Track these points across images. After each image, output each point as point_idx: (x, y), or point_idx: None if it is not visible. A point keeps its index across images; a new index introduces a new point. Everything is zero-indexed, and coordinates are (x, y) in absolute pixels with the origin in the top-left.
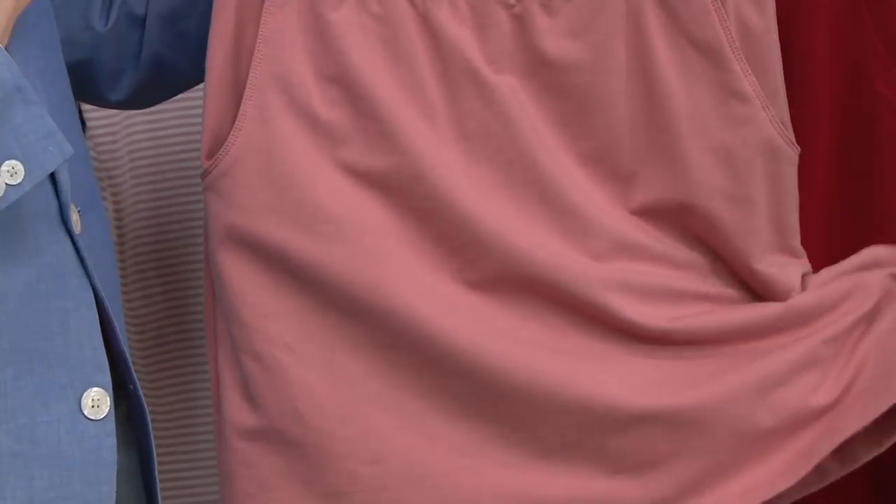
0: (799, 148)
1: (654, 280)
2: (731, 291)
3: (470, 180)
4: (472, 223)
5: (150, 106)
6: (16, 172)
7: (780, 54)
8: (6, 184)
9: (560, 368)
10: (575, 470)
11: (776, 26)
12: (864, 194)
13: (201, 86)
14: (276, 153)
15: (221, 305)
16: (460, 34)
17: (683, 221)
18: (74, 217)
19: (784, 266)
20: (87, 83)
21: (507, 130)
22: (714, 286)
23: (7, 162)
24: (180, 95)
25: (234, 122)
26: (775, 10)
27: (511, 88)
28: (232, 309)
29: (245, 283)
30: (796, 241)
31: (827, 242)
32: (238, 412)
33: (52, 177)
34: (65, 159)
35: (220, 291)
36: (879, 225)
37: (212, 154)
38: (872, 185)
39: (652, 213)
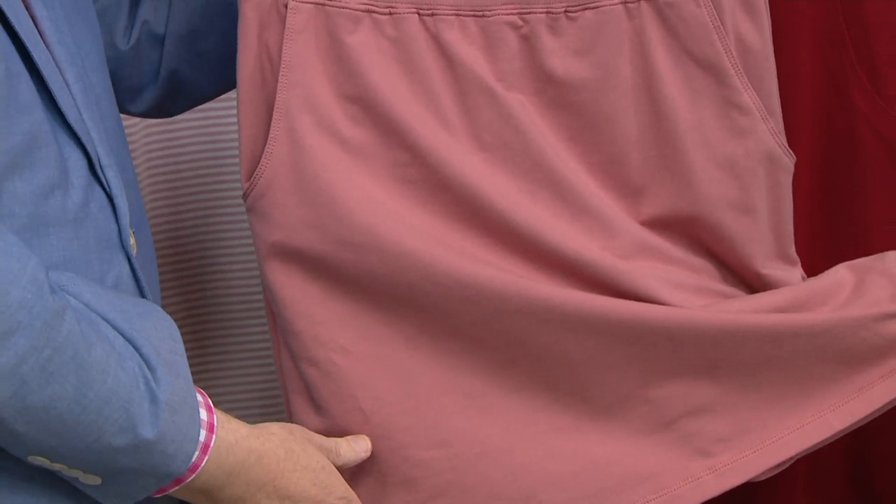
0: (794, 157)
1: (677, 277)
2: (742, 293)
3: (495, 185)
4: (507, 219)
5: (169, 116)
6: (91, 481)
7: (775, 69)
8: (79, 479)
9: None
10: (629, 425)
11: (772, 43)
12: (844, 204)
13: (219, 98)
14: (308, 171)
15: (277, 318)
16: (471, 53)
17: (691, 232)
18: (132, 241)
19: (785, 271)
20: None
21: (522, 141)
22: (728, 288)
23: (96, 477)
24: (198, 107)
25: (264, 142)
26: (771, 28)
27: (521, 104)
28: (286, 320)
29: (294, 295)
30: (792, 248)
31: (808, 249)
32: (306, 416)
33: (112, 203)
34: None
35: (273, 305)
36: (859, 232)
37: (250, 176)
38: (851, 194)
39: (661, 225)
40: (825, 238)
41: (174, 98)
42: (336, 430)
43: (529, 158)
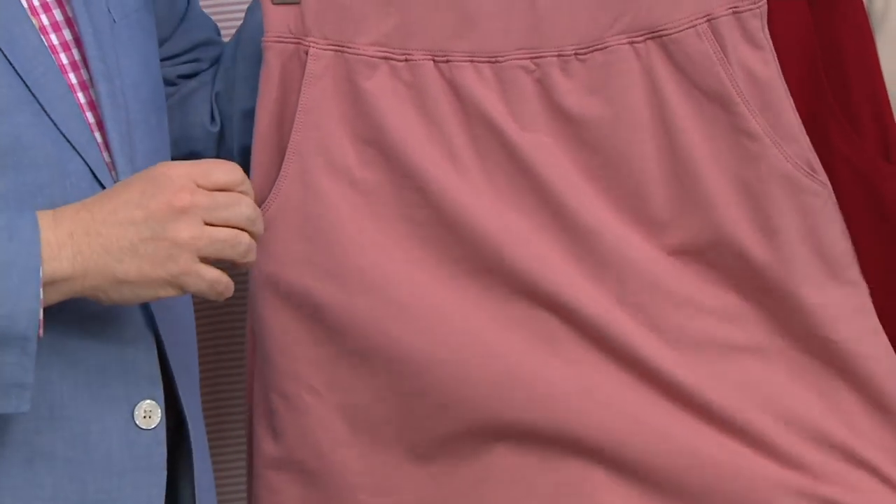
0: (827, 182)
1: (677, 324)
2: (760, 338)
3: (504, 226)
4: (511, 264)
5: None
6: None
7: (789, 98)
8: None
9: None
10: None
11: (781, 73)
12: None
13: None
14: (313, 210)
15: (258, 345)
16: (486, 96)
17: (717, 260)
18: None
19: (840, 292)
20: None
21: (532, 184)
22: (745, 331)
23: None
24: None
25: (275, 181)
26: (776, 58)
27: (540, 145)
28: (266, 351)
29: (278, 330)
30: (852, 270)
31: None
32: (264, 442)
33: None
34: (17, 412)
35: (257, 333)
36: None
37: None
38: None
39: (687, 254)
40: None
41: None
42: (291, 460)
43: (541, 200)
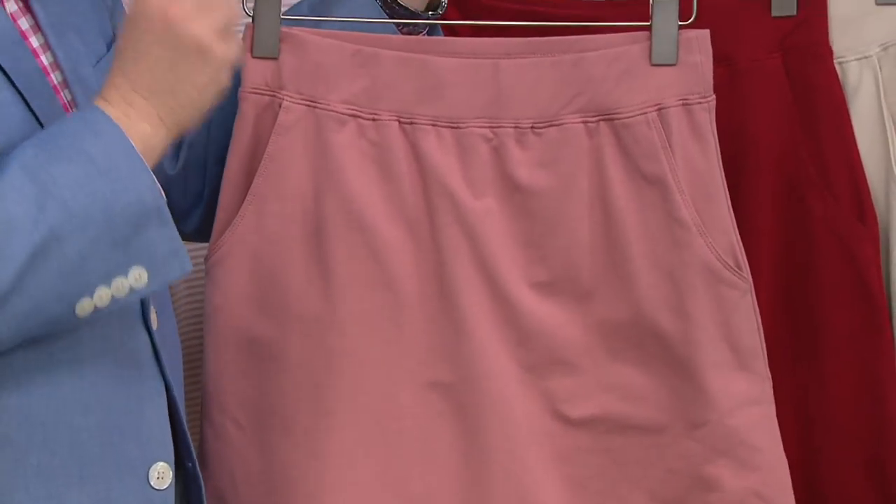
0: (748, 277)
1: (574, 395)
2: (656, 419)
3: (437, 286)
4: (440, 322)
5: None
6: (140, 278)
7: (724, 190)
8: (130, 286)
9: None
10: None
11: (719, 165)
12: (802, 292)
13: None
14: (265, 253)
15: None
16: (444, 161)
17: (633, 336)
18: (153, 315)
19: (746, 383)
20: None
21: (473, 248)
22: (642, 411)
23: (135, 268)
24: None
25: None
26: (719, 152)
27: (487, 211)
28: (204, 379)
29: (214, 360)
30: (759, 364)
31: (770, 340)
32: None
33: None
34: (184, 275)
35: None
36: (818, 321)
37: (215, 246)
38: (808, 284)
39: (606, 327)
40: (785, 320)
41: None
42: (212, 486)
43: (478, 264)
